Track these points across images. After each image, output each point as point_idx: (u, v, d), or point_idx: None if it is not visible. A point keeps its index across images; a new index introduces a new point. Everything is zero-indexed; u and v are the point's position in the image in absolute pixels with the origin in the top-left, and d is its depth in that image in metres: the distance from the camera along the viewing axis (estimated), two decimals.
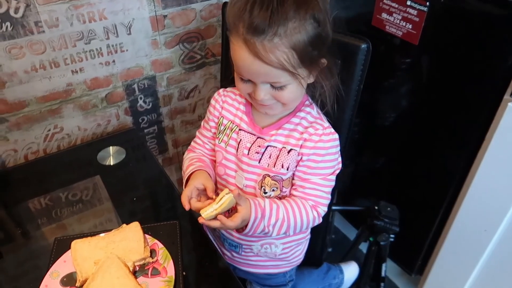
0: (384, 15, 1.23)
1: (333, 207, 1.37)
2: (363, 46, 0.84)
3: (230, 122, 0.87)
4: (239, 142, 0.84)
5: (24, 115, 1.13)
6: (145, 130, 1.37)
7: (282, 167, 0.80)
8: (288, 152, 0.80)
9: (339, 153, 0.84)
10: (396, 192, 1.45)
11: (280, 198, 0.84)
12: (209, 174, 0.86)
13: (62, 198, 1.00)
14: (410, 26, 1.17)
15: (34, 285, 0.75)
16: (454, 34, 1.07)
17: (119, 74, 1.20)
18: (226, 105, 0.88)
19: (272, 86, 0.71)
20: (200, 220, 0.71)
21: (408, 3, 1.14)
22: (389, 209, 1.25)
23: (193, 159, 0.90)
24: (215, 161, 0.91)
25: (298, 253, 0.99)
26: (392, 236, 1.25)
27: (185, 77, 1.34)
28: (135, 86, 1.26)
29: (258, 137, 0.83)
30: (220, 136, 0.88)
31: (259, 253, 0.94)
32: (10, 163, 1.18)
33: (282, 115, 0.81)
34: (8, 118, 1.11)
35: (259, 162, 0.82)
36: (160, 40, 1.21)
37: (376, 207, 1.25)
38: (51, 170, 1.09)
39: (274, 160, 0.81)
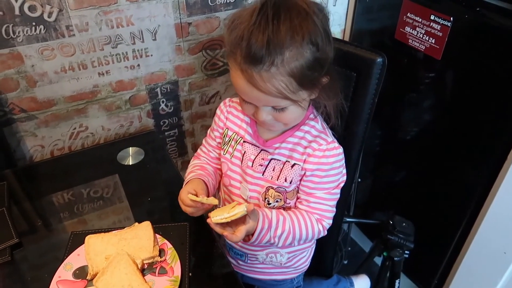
0: (408, 29, 1.23)
1: (348, 219, 1.36)
2: (379, 60, 0.84)
3: (234, 133, 0.88)
4: (244, 154, 0.85)
5: (52, 113, 1.18)
6: (166, 133, 1.40)
7: (286, 180, 0.81)
8: (292, 166, 0.80)
9: (344, 165, 0.83)
10: (414, 207, 1.42)
11: (284, 209, 0.84)
12: (205, 182, 0.87)
13: (83, 194, 1.04)
14: (433, 41, 1.16)
15: (50, 276, 0.79)
16: (478, 49, 1.05)
17: (143, 78, 1.24)
18: (231, 116, 0.89)
19: (274, 108, 0.72)
20: (208, 220, 0.73)
21: (432, 17, 1.13)
22: (404, 224, 1.22)
23: (196, 166, 0.92)
24: (220, 169, 0.92)
25: (304, 260, 1.00)
26: (406, 252, 1.22)
27: (207, 83, 1.35)
28: (158, 90, 1.28)
29: (262, 150, 0.84)
30: (225, 148, 0.89)
31: (264, 262, 0.95)
32: (37, 158, 1.23)
33: (285, 128, 0.82)
34: (37, 115, 1.16)
35: (262, 175, 0.83)
36: (184, 47, 1.24)
37: (391, 222, 1.23)
38: (74, 166, 1.13)
39: (277, 173, 0.81)
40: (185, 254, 0.83)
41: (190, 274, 0.80)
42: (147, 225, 0.85)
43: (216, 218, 0.71)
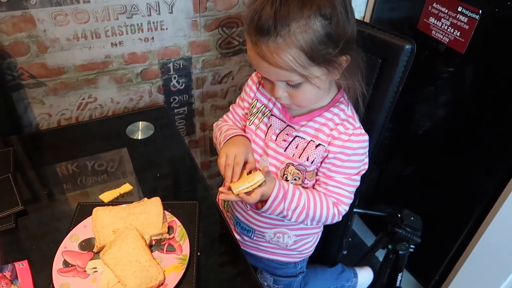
0: (432, 20, 1.19)
1: (355, 210, 1.34)
2: (407, 47, 0.81)
3: (263, 106, 0.87)
4: (269, 127, 0.84)
5: (62, 82, 1.15)
6: (175, 110, 1.38)
7: (307, 160, 0.80)
8: (316, 146, 0.79)
9: (367, 154, 0.82)
10: (421, 202, 1.40)
11: None
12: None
13: (88, 166, 1.02)
14: (458, 33, 1.12)
15: (54, 246, 0.77)
16: (505, 46, 1.02)
17: (156, 52, 1.21)
18: (261, 88, 0.87)
19: (288, 85, 0.70)
20: (221, 190, 0.73)
21: (460, 9, 1.10)
22: (412, 218, 1.21)
23: (233, 125, 0.91)
24: None
25: (309, 245, 0.99)
26: (412, 246, 1.21)
27: (220, 61, 1.33)
28: (171, 65, 1.26)
29: (288, 125, 0.83)
30: (251, 118, 0.88)
31: (271, 241, 0.94)
32: (44, 126, 1.21)
33: (315, 107, 0.80)
34: (46, 82, 1.13)
35: (285, 150, 0.82)
36: (200, 22, 1.21)
37: (399, 215, 1.22)
38: (81, 138, 1.11)
39: (300, 151, 0.80)
40: (194, 233, 0.81)
41: (199, 253, 0.78)
42: (156, 201, 0.84)
43: (238, 189, 0.70)
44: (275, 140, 0.83)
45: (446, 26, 1.15)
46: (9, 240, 0.80)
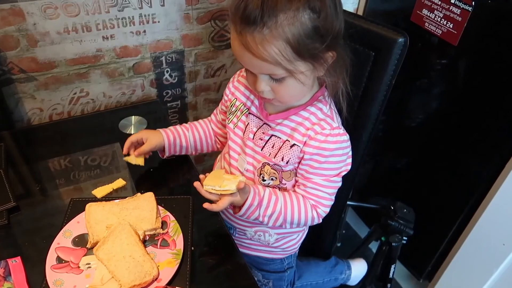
0: (425, 12, 1.19)
1: (348, 202, 1.35)
2: (400, 40, 0.81)
3: (242, 104, 0.86)
4: (247, 126, 0.83)
5: (53, 76, 1.13)
6: (168, 104, 1.37)
7: (282, 160, 0.78)
8: (291, 146, 0.77)
9: (349, 154, 0.80)
10: (414, 194, 1.42)
11: (280, 190, 0.82)
12: (167, 138, 0.93)
13: (81, 161, 1.01)
14: (451, 25, 1.12)
15: (47, 242, 0.76)
16: (498, 38, 1.02)
17: (148, 45, 1.20)
18: (241, 86, 0.87)
19: (272, 78, 0.68)
20: (196, 184, 0.73)
21: (453, 0, 1.10)
22: (405, 210, 1.22)
23: (184, 124, 0.97)
24: (220, 134, 0.95)
25: (293, 243, 0.98)
26: (405, 238, 1.22)
27: (213, 55, 1.32)
28: (163, 58, 1.25)
29: (264, 123, 0.81)
30: (230, 117, 0.87)
31: (252, 238, 0.94)
32: (35, 121, 1.20)
33: (291, 105, 0.78)
34: (37, 77, 1.12)
35: (261, 150, 0.81)
36: (192, 15, 1.20)
37: (392, 207, 1.22)
38: (73, 132, 1.10)
39: (276, 151, 0.79)
40: (187, 227, 0.81)
41: (193, 248, 0.78)
42: (150, 196, 0.83)
43: (208, 187, 0.71)
44: (253, 138, 0.82)
45: (439, 18, 1.15)
46: (2, 236, 0.80)
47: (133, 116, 1.14)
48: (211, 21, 1.24)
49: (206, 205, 0.72)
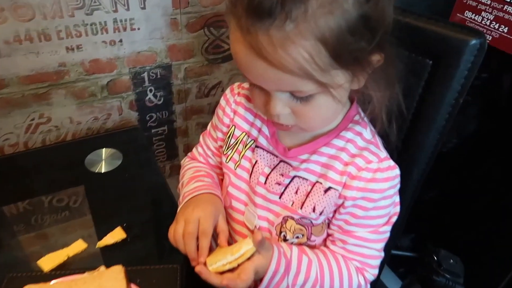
0: (468, 14, 0.99)
1: None
2: (474, 42, 0.59)
3: (244, 134, 0.64)
4: (255, 165, 0.61)
5: (2, 98, 0.94)
6: (153, 130, 1.21)
7: (314, 210, 0.57)
8: (326, 191, 0.56)
9: (398, 193, 0.60)
10: (451, 237, 1.20)
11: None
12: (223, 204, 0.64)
13: (36, 205, 0.81)
14: (505, 30, 0.93)
15: None
16: None
17: (126, 58, 1.04)
18: (240, 108, 0.65)
19: (293, 96, 0.48)
20: (198, 268, 0.51)
21: None
22: (452, 261, 0.97)
23: (200, 171, 0.68)
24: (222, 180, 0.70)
25: None
26: None
27: (207, 70, 1.17)
28: (145, 75, 1.09)
29: (281, 161, 0.60)
30: (229, 153, 0.65)
31: None
32: None
33: (317, 132, 0.58)
34: None
35: (280, 198, 0.59)
36: (181, 21, 1.04)
37: (435, 257, 0.97)
38: (31, 169, 0.91)
39: (302, 198, 0.58)
40: None
41: None
42: (118, 271, 0.58)
43: (215, 265, 0.51)
44: (265, 183, 0.60)
45: (489, 20, 0.96)
46: None
47: (103, 149, 0.94)
48: (205, 28, 1.09)
49: (227, 283, 0.49)
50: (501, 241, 1.08)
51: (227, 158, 0.64)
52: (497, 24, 0.94)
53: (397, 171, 0.57)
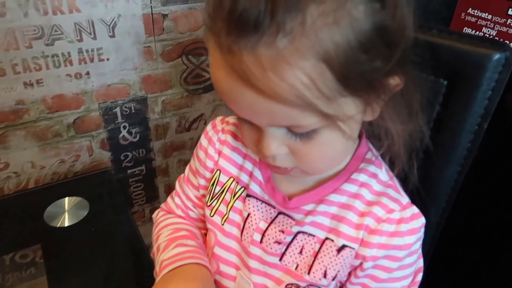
0: (468, 31, 0.93)
1: None
2: (497, 56, 0.51)
3: (232, 180, 0.52)
4: (247, 218, 0.50)
5: None
6: (129, 171, 1.12)
7: (325, 276, 0.46)
8: (339, 250, 0.46)
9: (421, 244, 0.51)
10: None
11: None
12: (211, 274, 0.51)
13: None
14: (510, 45, 0.84)
15: None
16: None
17: (94, 92, 0.96)
18: (226, 148, 0.53)
19: (290, 131, 0.39)
20: None
21: (511, 12, 0.84)
22: None
23: (180, 230, 0.56)
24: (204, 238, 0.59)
25: None
26: None
27: (188, 102, 1.11)
28: (118, 110, 1.02)
29: (280, 213, 0.49)
30: (213, 204, 0.53)
31: None
32: None
33: (323, 175, 0.48)
34: None
35: (280, 260, 0.47)
36: (156, 49, 0.98)
37: None
38: None
39: (309, 259, 0.47)
40: None
41: None
42: None
43: None
44: (261, 242, 0.49)
45: (491, 37, 0.89)
46: None
47: (66, 198, 0.83)
48: (182, 56, 1.03)
49: None
50: None
51: (211, 211, 0.52)
52: (501, 40, 0.88)
53: (422, 220, 0.47)
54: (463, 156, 0.56)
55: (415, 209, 0.46)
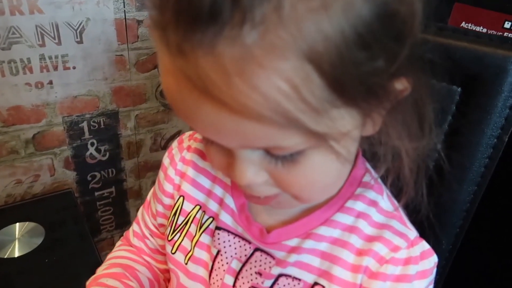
0: None
1: None
2: None
3: (198, 208, 0.43)
4: (216, 257, 0.41)
5: None
6: (96, 193, 1.05)
7: None
8: None
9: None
10: None
11: None
12: None
13: None
14: None
15: None
16: None
17: (58, 104, 0.90)
18: (191, 170, 0.45)
19: (268, 154, 0.32)
20: None
21: (507, 25, 0.83)
22: None
23: (115, 265, 0.49)
24: (167, 274, 0.51)
25: None
26: None
27: (164, 117, 1.06)
28: (85, 124, 0.96)
29: (257, 249, 0.41)
30: (175, 238, 0.44)
31: None
32: None
33: (310, 204, 0.41)
34: None
35: None
36: (129, 58, 0.92)
37: None
38: None
39: None
40: None
41: None
42: None
43: None
44: (233, 286, 0.40)
45: None
46: None
47: (17, 224, 0.74)
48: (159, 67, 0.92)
49: None
50: None
51: (173, 247, 0.43)
52: None
53: (435, 259, 0.39)
54: (479, 174, 0.50)
55: (425, 245, 0.38)
